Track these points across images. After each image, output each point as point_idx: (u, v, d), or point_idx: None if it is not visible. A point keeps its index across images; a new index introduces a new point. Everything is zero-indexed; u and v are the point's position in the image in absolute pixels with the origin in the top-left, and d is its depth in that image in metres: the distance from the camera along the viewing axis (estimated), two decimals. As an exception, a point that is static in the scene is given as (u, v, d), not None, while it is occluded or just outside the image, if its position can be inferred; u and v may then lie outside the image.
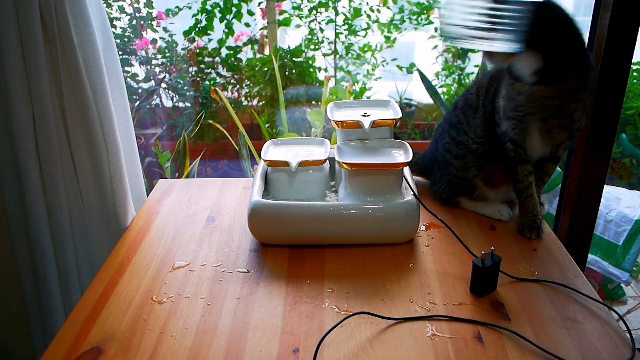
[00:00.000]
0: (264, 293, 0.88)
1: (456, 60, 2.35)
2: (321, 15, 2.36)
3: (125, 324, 0.81)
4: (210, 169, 2.36)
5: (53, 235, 1.14)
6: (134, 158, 1.25)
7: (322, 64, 2.39)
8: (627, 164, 2.17)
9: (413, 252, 0.99)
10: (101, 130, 1.10)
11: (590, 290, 0.88)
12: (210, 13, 2.27)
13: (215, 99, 2.16)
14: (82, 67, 1.04)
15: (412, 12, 2.35)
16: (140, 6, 2.28)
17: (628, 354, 0.74)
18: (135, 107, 2.23)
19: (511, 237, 1.04)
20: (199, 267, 0.96)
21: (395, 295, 0.87)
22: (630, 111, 2.16)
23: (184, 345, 0.77)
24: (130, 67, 2.28)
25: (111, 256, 0.99)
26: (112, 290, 0.89)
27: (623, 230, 1.75)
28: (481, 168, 1.07)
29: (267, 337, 0.78)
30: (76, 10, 1.02)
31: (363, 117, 1.06)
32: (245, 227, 1.07)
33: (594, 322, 0.81)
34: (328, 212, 0.98)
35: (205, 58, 2.34)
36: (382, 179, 1.01)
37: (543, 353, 0.74)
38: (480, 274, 0.85)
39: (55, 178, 1.09)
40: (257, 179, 1.06)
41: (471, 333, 0.79)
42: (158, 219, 1.12)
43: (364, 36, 2.39)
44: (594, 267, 1.80)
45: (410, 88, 2.51)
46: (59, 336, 0.79)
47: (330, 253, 0.98)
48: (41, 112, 1.04)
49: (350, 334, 0.78)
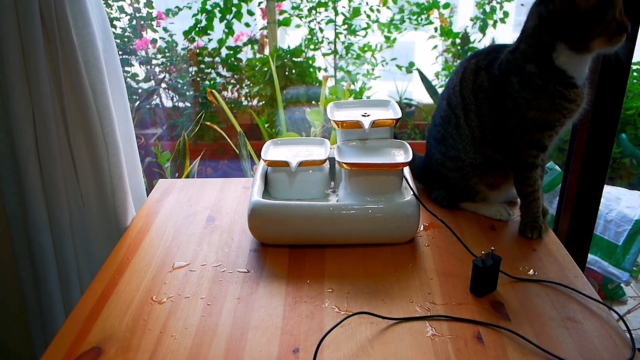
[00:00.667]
0: (264, 293, 0.88)
1: (456, 60, 2.35)
2: (321, 15, 2.36)
3: (125, 324, 0.81)
4: (210, 169, 2.36)
5: (53, 235, 1.14)
6: (134, 158, 1.25)
7: (322, 64, 2.39)
8: (627, 164, 2.17)
9: (413, 252, 0.99)
10: (101, 130, 1.10)
11: (590, 290, 0.88)
12: (210, 13, 2.27)
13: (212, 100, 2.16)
14: (82, 67, 1.04)
15: (412, 12, 2.35)
16: (140, 6, 2.28)
17: (628, 354, 0.74)
18: (136, 107, 2.23)
19: (511, 237, 1.04)
20: (199, 267, 0.96)
21: (395, 295, 0.87)
22: (630, 111, 2.16)
23: (184, 345, 0.77)
24: (130, 67, 2.28)
25: (111, 256, 0.99)
26: (112, 290, 0.89)
27: (623, 230, 1.75)
28: (482, 174, 1.06)
29: (267, 337, 0.78)
30: (76, 10, 1.02)
31: (363, 117, 1.06)
32: (245, 227, 1.07)
33: (594, 322, 0.81)
34: (328, 212, 0.98)
35: (205, 58, 2.34)
36: (382, 179, 1.01)
37: (543, 353, 0.74)
38: (480, 274, 0.85)
39: (55, 178, 1.09)
40: (257, 179, 1.06)
41: (471, 333, 0.79)
42: (158, 219, 1.12)
43: (364, 36, 2.39)
44: (594, 267, 1.80)
45: (410, 88, 2.51)
46: (59, 336, 0.79)
47: (330, 253, 0.98)
48: (41, 112, 1.04)
49: (350, 334, 0.78)
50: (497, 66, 0.99)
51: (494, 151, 1.04)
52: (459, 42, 2.33)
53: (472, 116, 1.03)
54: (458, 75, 1.06)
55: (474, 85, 1.03)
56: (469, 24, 2.33)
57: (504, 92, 0.98)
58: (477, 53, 1.08)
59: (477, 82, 1.02)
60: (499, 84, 0.99)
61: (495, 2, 2.28)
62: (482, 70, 1.02)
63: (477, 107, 1.02)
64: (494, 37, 2.29)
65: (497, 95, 1.00)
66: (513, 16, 2.33)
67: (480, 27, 2.30)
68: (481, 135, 1.03)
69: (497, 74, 0.99)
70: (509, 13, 2.29)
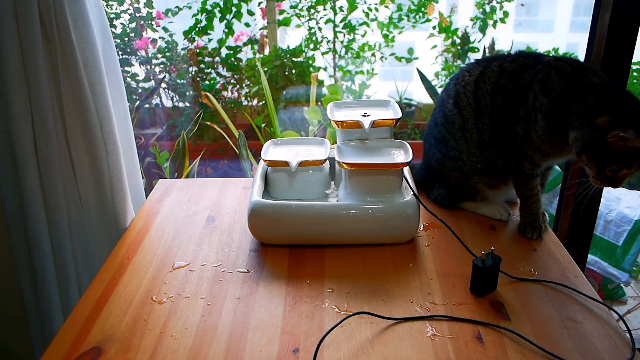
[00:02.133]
0: (264, 293, 0.88)
1: (456, 60, 2.35)
2: (320, 14, 2.36)
3: (125, 324, 0.81)
4: (210, 169, 2.35)
5: (52, 236, 1.13)
6: (133, 159, 1.24)
7: (321, 64, 2.39)
8: (627, 164, 2.17)
9: (413, 252, 0.99)
10: (100, 130, 1.09)
11: (590, 290, 0.88)
12: (210, 13, 2.27)
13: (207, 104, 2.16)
14: (81, 67, 1.04)
15: (409, 9, 2.35)
16: (140, 6, 2.28)
17: (628, 354, 0.74)
18: (136, 107, 2.23)
19: (511, 237, 1.04)
20: (199, 267, 0.95)
21: (395, 295, 0.87)
22: (630, 111, 2.15)
23: (184, 345, 0.77)
24: (130, 67, 2.28)
25: (111, 256, 0.99)
26: (112, 290, 0.89)
27: (623, 231, 1.75)
28: (483, 174, 1.06)
29: (267, 337, 0.78)
30: (75, 11, 1.02)
31: (363, 117, 1.06)
32: (245, 227, 1.07)
33: (594, 322, 0.81)
34: (328, 212, 0.98)
35: (205, 58, 2.34)
36: (382, 179, 1.01)
37: (543, 353, 0.74)
38: (480, 274, 0.85)
39: (54, 179, 1.09)
40: (257, 179, 1.06)
41: (471, 333, 0.79)
42: (158, 219, 1.12)
43: (363, 35, 2.39)
44: (593, 267, 1.80)
45: (410, 88, 2.51)
46: (59, 336, 0.79)
47: (330, 253, 0.98)
48: (40, 112, 1.04)
49: (350, 334, 0.78)
50: (531, 76, 0.96)
51: (498, 156, 1.04)
52: (458, 42, 2.32)
53: (485, 119, 1.02)
54: (473, 74, 1.03)
55: (494, 87, 1.00)
56: (469, 24, 2.33)
57: (524, 101, 0.96)
58: (500, 56, 1.05)
59: (499, 83, 1.00)
60: (523, 92, 0.97)
61: (495, 2, 2.28)
62: (509, 73, 0.99)
63: (492, 109, 1.01)
64: (493, 37, 2.29)
65: (516, 101, 0.98)
66: (513, 16, 2.33)
67: (480, 27, 2.31)
68: (490, 138, 1.02)
69: (527, 82, 0.96)
70: (509, 13, 2.29)
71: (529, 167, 1.00)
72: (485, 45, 2.29)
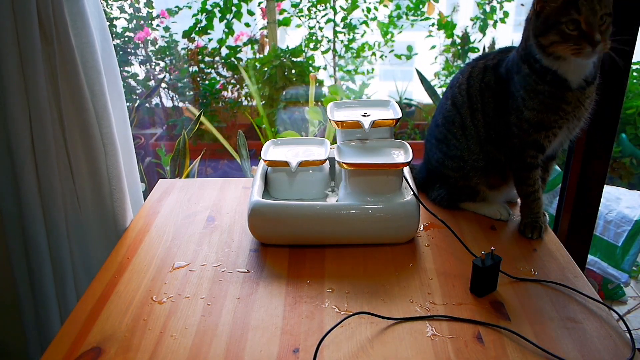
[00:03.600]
0: (264, 293, 0.88)
1: (456, 60, 2.35)
2: (320, 14, 2.36)
3: (125, 324, 0.81)
4: (210, 169, 2.35)
5: (49, 237, 1.13)
6: (131, 159, 1.24)
7: (321, 64, 2.39)
8: (627, 164, 2.17)
9: (413, 252, 0.99)
10: (99, 131, 1.09)
11: (590, 291, 0.88)
12: (210, 13, 2.27)
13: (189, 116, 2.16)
14: (80, 68, 1.03)
15: (408, 7, 2.35)
16: (140, 6, 2.28)
17: (628, 354, 0.74)
18: (135, 106, 2.23)
19: (511, 237, 1.04)
20: (199, 267, 0.95)
21: (395, 295, 0.87)
22: (630, 111, 2.16)
23: (184, 345, 0.77)
24: (130, 66, 2.28)
25: (111, 256, 0.99)
26: (112, 290, 0.89)
27: (623, 231, 1.75)
28: (483, 174, 1.06)
29: (267, 337, 0.78)
30: (74, 12, 1.02)
31: (363, 117, 1.06)
32: (245, 227, 1.07)
33: (594, 322, 0.81)
34: (328, 212, 0.98)
35: (205, 58, 2.34)
36: (382, 179, 1.01)
37: (543, 353, 0.74)
38: (480, 274, 0.85)
39: (52, 180, 1.08)
40: (257, 179, 1.06)
41: (471, 333, 0.79)
42: (158, 219, 1.12)
43: (362, 35, 2.39)
44: (593, 267, 1.80)
45: (410, 88, 2.51)
46: (59, 336, 0.79)
47: (330, 253, 0.98)
48: (38, 113, 1.03)
49: (350, 334, 0.78)
50: (504, 65, 1.00)
51: (498, 151, 1.04)
52: (459, 42, 2.33)
53: (479, 115, 1.03)
54: (465, 74, 1.07)
55: (481, 84, 1.03)
56: (469, 24, 2.33)
57: (507, 91, 0.99)
58: (487, 54, 1.09)
59: (484, 80, 1.03)
60: (504, 83, 1.00)
61: (496, 2, 2.28)
62: (490, 69, 1.03)
63: (483, 105, 1.03)
64: (494, 37, 2.30)
65: (502, 94, 1.00)
66: (513, 16, 2.33)
67: (480, 27, 2.31)
68: (486, 134, 1.03)
69: (504, 72, 1.00)
70: (509, 13, 2.29)
71: (533, 155, 0.99)
72: (486, 45, 2.29)
